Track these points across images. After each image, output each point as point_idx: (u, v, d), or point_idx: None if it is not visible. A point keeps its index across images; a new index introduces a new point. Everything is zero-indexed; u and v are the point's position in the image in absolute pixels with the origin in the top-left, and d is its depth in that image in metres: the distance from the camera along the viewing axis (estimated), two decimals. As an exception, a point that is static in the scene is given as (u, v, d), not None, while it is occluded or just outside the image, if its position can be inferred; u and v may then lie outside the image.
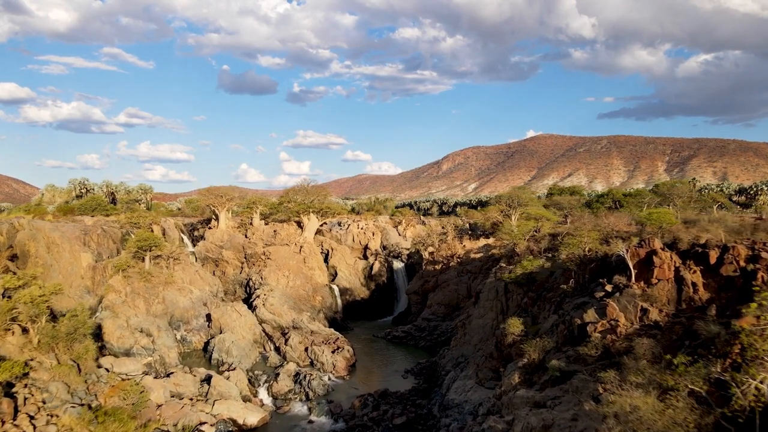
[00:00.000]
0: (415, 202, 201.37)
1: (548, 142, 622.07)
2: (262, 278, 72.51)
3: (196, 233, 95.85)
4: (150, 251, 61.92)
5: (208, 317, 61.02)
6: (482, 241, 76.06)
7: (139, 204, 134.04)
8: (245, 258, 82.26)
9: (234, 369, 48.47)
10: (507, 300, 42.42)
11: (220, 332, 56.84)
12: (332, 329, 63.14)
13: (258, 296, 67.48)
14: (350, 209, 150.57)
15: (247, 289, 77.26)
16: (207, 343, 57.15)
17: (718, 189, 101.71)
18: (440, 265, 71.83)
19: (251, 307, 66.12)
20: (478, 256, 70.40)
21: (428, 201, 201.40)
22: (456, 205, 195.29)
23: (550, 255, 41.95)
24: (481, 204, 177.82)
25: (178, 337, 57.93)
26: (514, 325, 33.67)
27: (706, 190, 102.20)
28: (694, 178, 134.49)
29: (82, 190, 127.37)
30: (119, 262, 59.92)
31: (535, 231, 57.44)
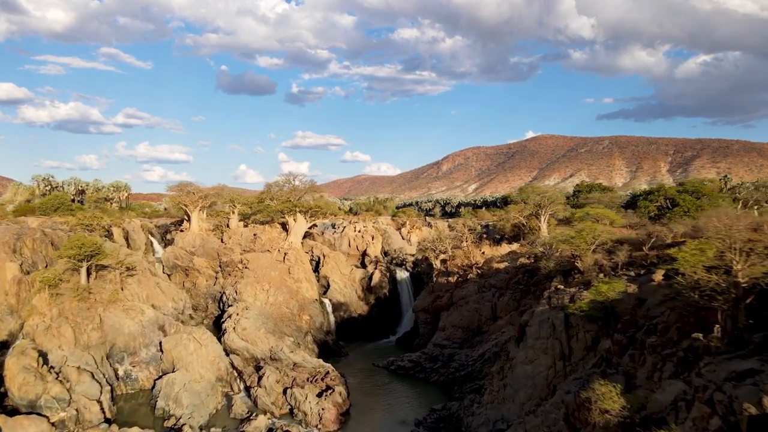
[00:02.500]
0: (417, 203, 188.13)
1: (549, 143, 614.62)
2: (236, 293, 59.19)
3: (169, 236, 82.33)
4: (88, 261, 48.53)
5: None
6: (505, 248, 62.90)
7: (111, 203, 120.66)
8: (220, 267, 68.93)
9: (181, 428, 35.11)
10: (569, 340, 29.25)
11: (173, 369, 43.50)
12: (320, 360, 49.82)
13: (230, 316, 54.17)
14: (348, 209, 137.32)
15: (221, 304, 63.95)
16: (158, 381, 43.85)
17: (753, 188, 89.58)
18: (455, 277, 58.63)
19: (221, 331, 52.85)
20: (501, 266, 57.24)
21: (430, 201, 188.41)
22: (460, 205, 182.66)
23: (634, 274, 28.79)
24: (487, 204, 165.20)
25: (121, 374, 44.61)
26: (608, 397, 20.43)
27: (742, 188, 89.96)
28: (726, 175, 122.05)
29: (47, 188, 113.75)
30: (46, 276, 46.47)
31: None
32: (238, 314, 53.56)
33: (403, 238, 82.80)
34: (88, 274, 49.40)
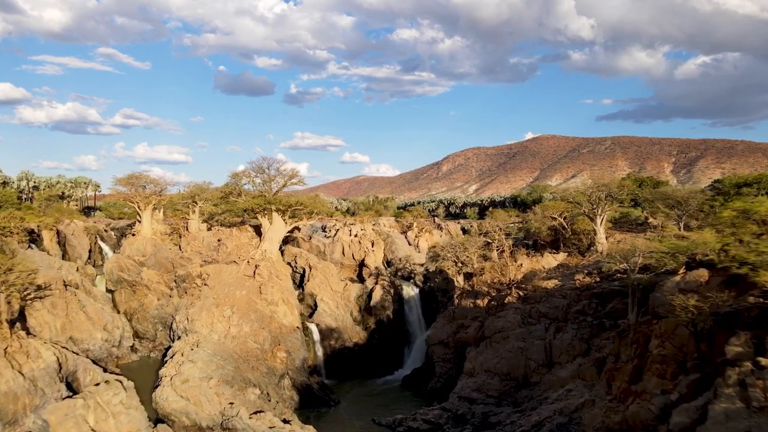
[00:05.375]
0: (418, 203, 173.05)
1: (550, 143, 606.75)
2: (188, 320, 43.41)
3: (124, 240, 66.53)
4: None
5: (62, 408, 31.81)
6: (549, 259, 47.33)
7: (68, 201, 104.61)
8: (176, 281, 53.23)
9: None
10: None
11: (60, 456, 27.72)
12: (298, 425, 34.09)
13: (172, 357, 38.37)
14: (345, 210, 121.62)
15: (171, 333, 48.26)
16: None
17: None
18: (485, 300, 43.07)
19: (156, 380, 37.11)
20: (549, 284, 41.69)
21: (433, 201, 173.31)
22: (465, 205, 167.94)
23: None
24: (494, 204, 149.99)
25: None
26: None
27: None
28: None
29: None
30: None
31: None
32: (183, 355, 37.78)
33: (409, 244, 67.21)
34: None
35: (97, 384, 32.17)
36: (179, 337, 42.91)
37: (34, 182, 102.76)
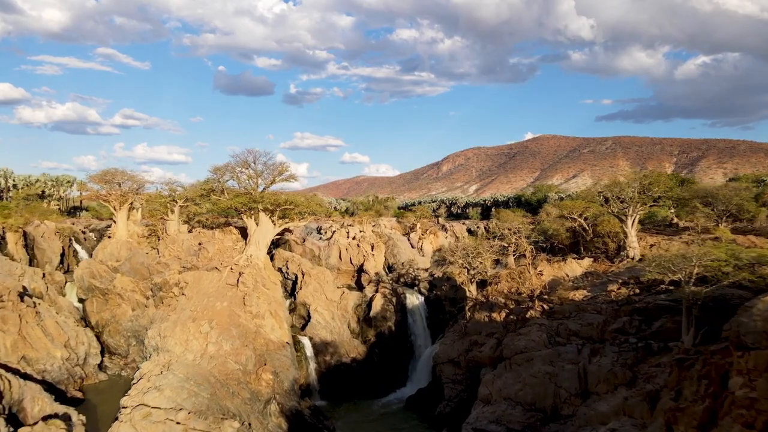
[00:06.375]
0: (419, 203, 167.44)
1: (551, 143, 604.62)
2: (160, 336, 37.64)
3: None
4: None
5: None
6: (572, 265, 41.64)
7: (49, 200, 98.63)
8: (152, 290, 47.54)
9: None
10: None
11: None
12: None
13: (137, 381, 32.62)
14: (344, 210, 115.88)
15: (144, 349, 42.50)
16: None
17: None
18: (503, 313, 37.35)
19: (118, 411, 31.34)
20: (577, 296, 36.01)
21: (435, 201, 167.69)
22: (467, 205, 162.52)
23: None
24: (497, 204, 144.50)
25: None
26: None
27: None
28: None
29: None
30: None
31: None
32: (149, 380, 32.03)
33: (413, 247, 61.51)
34: None
35: (37, 422, 26.45)
36: (149, 356, 37.18)
37: (13, 180, 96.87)
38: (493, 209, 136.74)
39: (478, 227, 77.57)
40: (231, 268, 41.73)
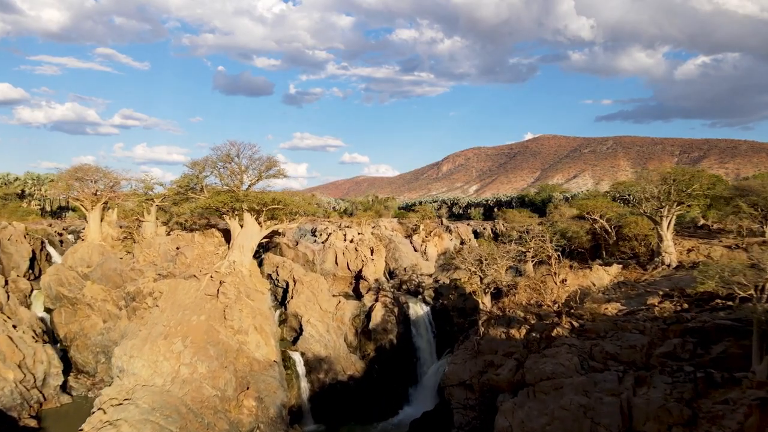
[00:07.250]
0: (420, 203, 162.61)
1: (551, 143, 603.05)
2: (126, 356, 32.50)
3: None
4: None
5: None
6: (599, 272, 36.55)
7: (29, 200, 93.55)
8: (125, 300, 42.36)
9: None
10: None
11: None
12: None
13: (90, 418, 27.47)
14: (342, 210, 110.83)
15: (112, 369, 37.34)
16: None
17: None
18: (523, 329, 32.26)
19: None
20: (610, 309, 30.92)
21: (436, 201, 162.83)
22: (469, 205, 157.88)
23: None
24: (500, 204, 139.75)
25: None
26: None
27: None
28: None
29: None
30: None
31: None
32: (106, 412, 26.89)
33: (416, 250, 56.39)
34: None
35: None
36: (113, 380, 32.09)
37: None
38: (495, 209, 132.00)
39: (484, 228, 72.70)
40: (211, 276, 36.61)
